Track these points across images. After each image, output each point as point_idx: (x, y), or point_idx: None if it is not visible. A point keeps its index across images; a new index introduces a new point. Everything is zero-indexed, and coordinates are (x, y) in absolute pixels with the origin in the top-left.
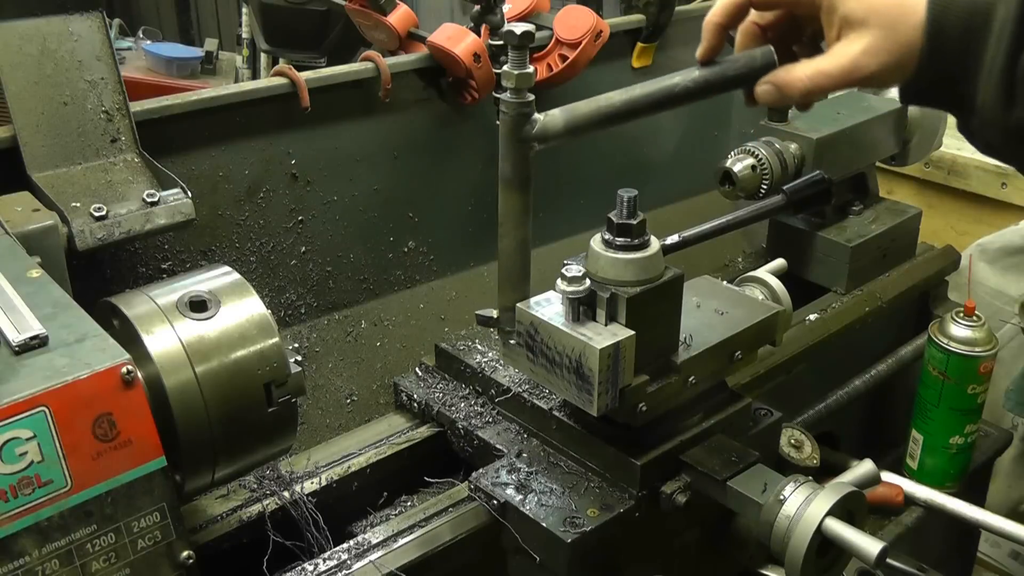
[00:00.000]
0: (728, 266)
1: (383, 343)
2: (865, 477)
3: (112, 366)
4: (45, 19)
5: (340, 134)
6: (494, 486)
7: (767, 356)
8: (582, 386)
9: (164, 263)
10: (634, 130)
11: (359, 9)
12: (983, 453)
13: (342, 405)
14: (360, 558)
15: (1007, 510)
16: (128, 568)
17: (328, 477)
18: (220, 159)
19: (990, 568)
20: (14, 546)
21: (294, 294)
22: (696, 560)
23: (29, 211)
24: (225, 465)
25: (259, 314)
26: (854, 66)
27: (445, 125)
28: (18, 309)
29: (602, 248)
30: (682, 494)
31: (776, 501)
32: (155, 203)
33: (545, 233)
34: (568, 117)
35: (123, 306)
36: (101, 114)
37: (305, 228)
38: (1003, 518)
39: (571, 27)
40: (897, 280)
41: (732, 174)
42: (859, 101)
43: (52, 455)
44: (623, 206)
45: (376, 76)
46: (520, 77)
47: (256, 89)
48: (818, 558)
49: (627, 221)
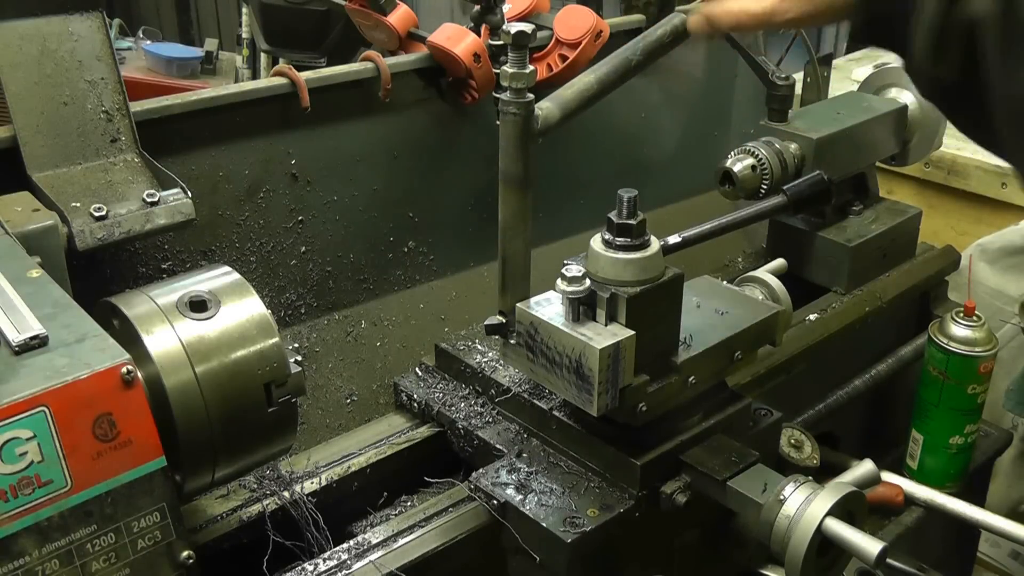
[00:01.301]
0: (728, 266)
1: (383, 343)
2: (865, 477)
3: (112, 366)
4: (45, 19)
5: (340, 134)
6: (494, 486)
7: (767, 356)
8: (582, 386)
9: (164, 263)
10: (634, 130)
11: (359, 9)
12: (983, 453)
13: (342, 405)
14: (360, 558)
15: (1007, 510)
16: (128, 568)
17: (328, 477)
18: (220, 159)
19: (990, 568)
20: (14, 546)
21: (294, 294)
22: (696, 560)
23: (29, 211)
24: (225, 465)
25: (259, 314)
26: (773, 10)
27: (445, 125)
28: (18, 309)
29: (602, 248)
30: (682, 494)
31: (776, 501)
32: (155, 203)
33: (545, 233)
34: (560, 104)
35: (123, 306)
36: (101, 114)
37: (305, 228)
38: (1003, 518)
39: (571, 27)
40: (897, 280)
41: (732, 174)
42: (859, 101)
43: (52, 455)
44: (623, 206)
45: (376, 76)
46: (520, 77)
47: (256, 89)
48: (818, 558)
49: (627, 221)
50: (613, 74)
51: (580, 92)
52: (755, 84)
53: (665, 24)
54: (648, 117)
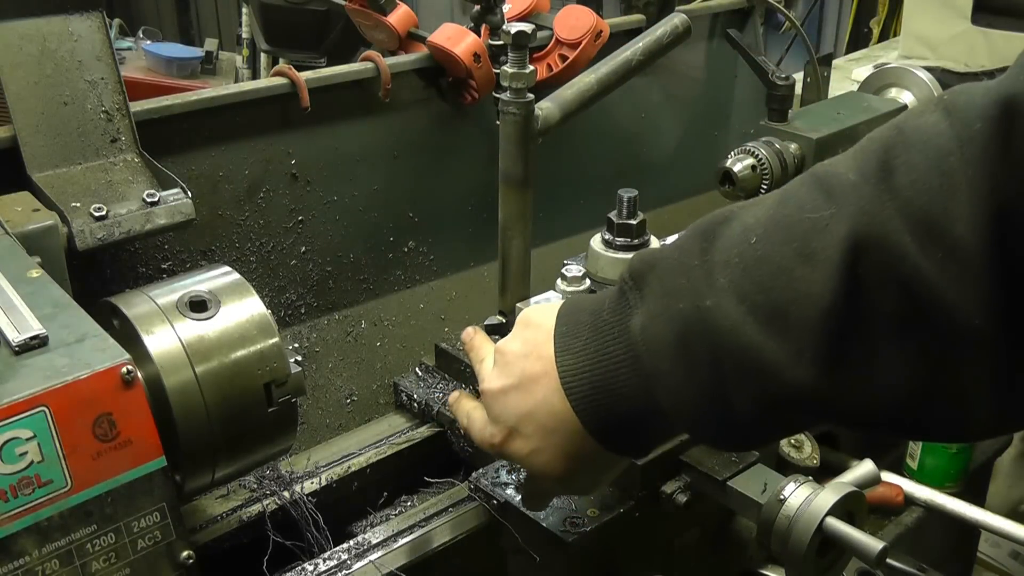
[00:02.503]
0: None
1: (383, 343)
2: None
3: (112, 366)
4: (45, 19)
5: (340, 134)
6: (494, 486)
7: None
8: None
9: (164, 263)
10: (634, 130)
11: (359, 9)
12: (983, 453)
13: (342, 405)
14: (360, 558)
15: (1007, 510)
16: (128, 568)
17: (328, 477)
18: (220, 159)
19: (990, 568)
20: (14, 546)
21: (294, 294)
22: (696, 560)
23: (29, 211)
24: (225, 465)
25: (259, 314)
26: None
27: (445, 125)
28: (18, 309)
29: (602, 248)
30: (682, 494)
31: (776, 501)
32: (155, 203)
33: (545, 233)
34: (560, 104)
35: (123, 306)
36: (101, 114)
37: (305, 228)
38: (1003, 518)
39: (571, 27)
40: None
41: (732, 174)
42: (859, 101)
43: (52, 455)
44: (623, 206)
45: (376, 76)
46: (520, 77)
47: (256, 89)
48: (818, 558)
49: (627, 221)
50: (613, 74)
51: (580, 92)
52: (755, 84)
53: (665, 24)
54: (648, 117)
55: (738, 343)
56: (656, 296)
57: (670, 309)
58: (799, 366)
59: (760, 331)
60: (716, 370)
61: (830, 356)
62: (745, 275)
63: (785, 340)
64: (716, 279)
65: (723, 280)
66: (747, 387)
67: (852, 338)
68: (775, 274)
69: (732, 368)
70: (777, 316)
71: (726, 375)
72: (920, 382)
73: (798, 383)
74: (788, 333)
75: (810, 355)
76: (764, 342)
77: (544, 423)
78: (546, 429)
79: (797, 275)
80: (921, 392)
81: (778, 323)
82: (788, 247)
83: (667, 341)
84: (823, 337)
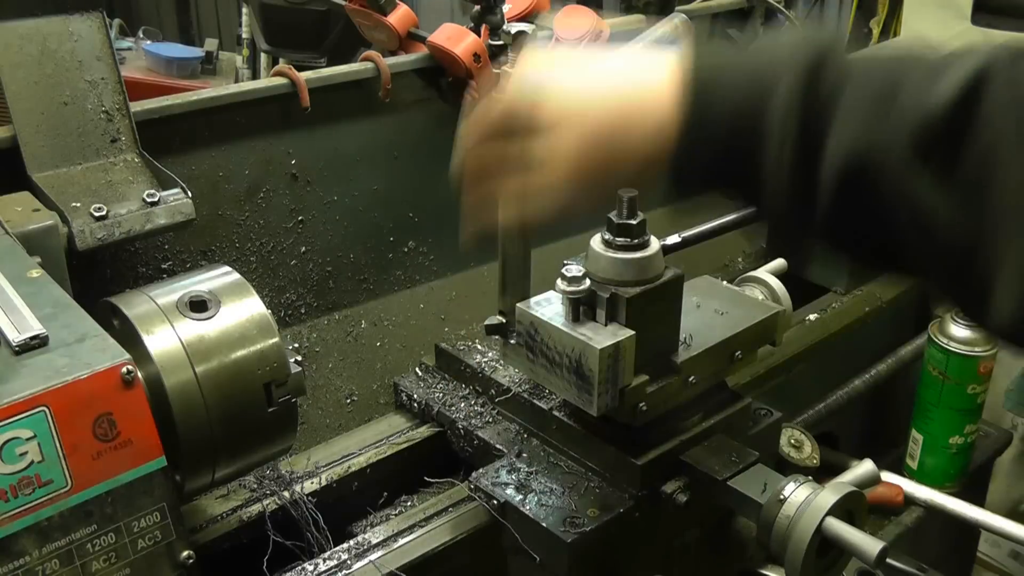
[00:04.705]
0: (728, 266)
1: (383, 343)
2: (865, 477)
3: (112, 366)
4: (45, 19)
5: (340, 134)
6: (494, 486)
7: (767, 356)
8: (582, 386)
9: (164, 263)
10: None
11: (359, 9)
12: (983, 453)
13: (342, 405)
14: (360, 558)
15: (1007, 510)
16: (128, 568)
17: (328, 477)
18: (220, 159)
19: (990, 568)
20: (14, 546)
21: (294, 294)
22: (696, 560)
23: (29, 211)
24: (225, 465)
25: (259, 314)
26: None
27: (445, 125)
28: (18, 309)
29: (602, 248)
30: (682, 494)
31: (776, 501)
32: (155, 203)
33: (545, 233)
34: None
35: (123, 306)
36: (101, 114)
37: (305, 228)
38: (1003, 518)
39: (571, 27)
40: (897, 280)
41: None
42: None
43: (52, 455)
44: (623, 206)
45: (376, 76)
46: None
47: (256, 89)
48: (818, 558)
49: (627, 221)
50: None
51: None
52: None
53: (665, 24)
54: None
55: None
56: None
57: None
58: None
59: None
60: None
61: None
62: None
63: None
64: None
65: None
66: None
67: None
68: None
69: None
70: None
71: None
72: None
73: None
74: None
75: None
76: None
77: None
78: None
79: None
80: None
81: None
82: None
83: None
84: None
